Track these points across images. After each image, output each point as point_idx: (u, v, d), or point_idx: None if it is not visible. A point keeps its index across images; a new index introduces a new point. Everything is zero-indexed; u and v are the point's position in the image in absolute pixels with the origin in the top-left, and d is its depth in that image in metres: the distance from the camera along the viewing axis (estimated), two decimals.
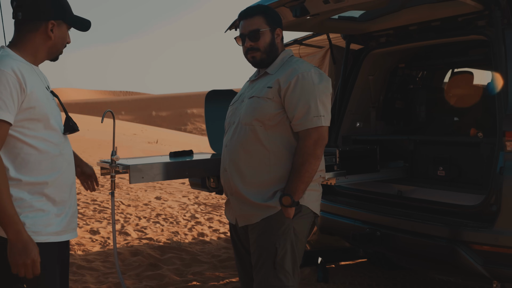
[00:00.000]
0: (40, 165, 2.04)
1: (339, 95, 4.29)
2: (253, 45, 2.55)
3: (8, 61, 1.98)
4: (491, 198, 2.96)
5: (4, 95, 1.90)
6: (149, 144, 19.11)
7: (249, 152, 2.48)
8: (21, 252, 1.92)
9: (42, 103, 2.04)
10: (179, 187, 9.41)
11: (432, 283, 4.24)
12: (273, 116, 2.45)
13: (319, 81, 2.44)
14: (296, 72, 2.44)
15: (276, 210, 2.44)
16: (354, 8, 3.66)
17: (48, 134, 2.07)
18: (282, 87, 2.43)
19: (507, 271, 2.87)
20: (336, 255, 4.72)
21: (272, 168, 2.46)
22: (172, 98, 56.21)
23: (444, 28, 3.65)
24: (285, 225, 2.45)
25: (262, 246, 2.49)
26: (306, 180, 2.41)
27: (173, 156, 3.08)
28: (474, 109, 4.23)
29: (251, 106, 2.50)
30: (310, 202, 2.52)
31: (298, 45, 5.12)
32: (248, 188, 2.50)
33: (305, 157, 2.39)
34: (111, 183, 2.86)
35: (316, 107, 2.40)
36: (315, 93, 2.42)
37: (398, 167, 3.97)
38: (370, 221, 3.52)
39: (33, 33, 2.10)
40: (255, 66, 2.64)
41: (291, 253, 2.47)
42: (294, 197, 2.40)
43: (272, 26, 2.57)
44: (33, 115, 2.01)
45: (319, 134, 2.41)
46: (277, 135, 2.47)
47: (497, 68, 3.07)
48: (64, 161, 2.14)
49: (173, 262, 4.81)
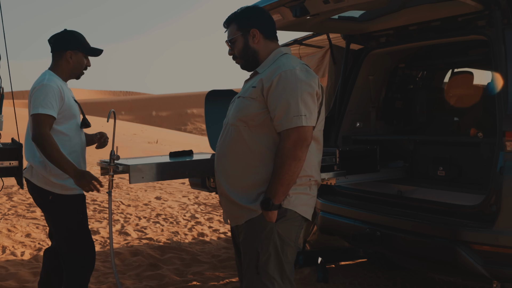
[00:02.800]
0: (65, 145, 2.98)
1: (339, 95, 4.29)
2: (233, 53, 2.58)
3: (53, 79, 3.02)
4: (491, 198, 2.96)
5: (53, 101, 2.93)
6: (149, 144, 19.12)
7: (234, 153, 2.44)
8: (82, 178, 2.87)
9: (71, 108, 3.07)
10: (179, 187, 9.41)
11: (432, 283, 4.24)
12: (256, 116, 2.39)
13: (302, 78, 2.35)
14: (280, 70, 2.36)
15: (258, 213, 2.38)
16: (354, 8, 3.66)
17: (71, 127, 3.07)
18: (264, 86, 2.36)
19: (507, 271, 2.87)
20: (336, 255, 4.72)
21: (256, 170, 2.40)
22: (172, 98, 56.21)
23: (444, 28, 3.65)
24: (267, 229, 2.37)
25: (246, 250, 2.45)
26: (286, 182, 2.31)
27: (173, 156, 3.08)
28: (474, 109, 4.23)
29: (237, 107, 2.47)
30: (298, 205, 2.42)
31: (298, 45, 5.12)
32: (233, 189, 2.46)
33: (283, 159, 2.30)
34: (109, 183, 2.86)
35: (296, 106, 2.30)
36: (296, 91, 2.32)
37: (398, 167, 3.96)
38: (370, 221, 3.52)
39: (59, 60, 3.11)
40: (245, 70, 2.63)
41: (275, 258, 2.38)
42: (273, 200, 2.32)
43: (244, 29, 2.52)
44: (65, 114, 3.02)
45: (299, 135, 2.30)
46: (261, 135, 2.40)
47: (497, 68, 3.07)
48: (78, 145, 3.12)
49: (173, 262, 4.81)
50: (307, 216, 2.47)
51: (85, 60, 3.17)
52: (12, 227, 5.84)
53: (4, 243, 5.21)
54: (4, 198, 7.59)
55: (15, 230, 5.72)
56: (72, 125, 3.09)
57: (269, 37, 2.55)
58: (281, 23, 3.55)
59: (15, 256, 4.85)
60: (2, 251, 5.00)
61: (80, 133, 3.17)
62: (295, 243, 2.46)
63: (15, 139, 3.17)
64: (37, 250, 5.06)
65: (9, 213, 6.67)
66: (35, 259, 4.75)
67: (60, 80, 3.06)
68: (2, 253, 4.93)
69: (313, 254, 4.49)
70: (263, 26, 2.54)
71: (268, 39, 2.54)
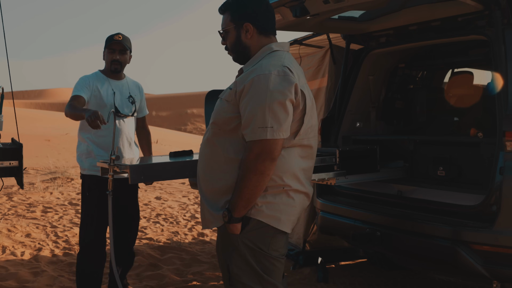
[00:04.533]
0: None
1: (339, 95, 4.29)
2: (225, 43, 2.41)
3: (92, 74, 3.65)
4: (491, 198, 2.96)
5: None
6: None
7: (206, 155, 2.32)
8: (88, 116, 3.03)
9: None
10: (179, 187, 9.41)
11: (432, 283, 4.24)
12: (228, 120, 2.22)
13: (276, 85, 2.13)
14: (253, 74, 2.17)
15: (222, 223, 2.25)
16: (354, 8, 3.65)
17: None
18: (237, 90, 2.19)
19: (507, 271, 2.87)
20: (336, 255, 4.72)
21: (225, 176, 2.23)
22: (172, 98, 56.22)
23: (444, 28, 3.65)
24: (232, 240, 2.23)
25: (218, 258, 2.37)
26: (246, 196, 2.14)
27: (173, 156, 3.08)
28: (474, 109, 4.23)
29: (215, 108, 2.32)
30: (267, 216, 2.20)
31: (298, 45, 5.11)
32: (204, 192, 2.34)
33: (244, 172, 2.12)
34: (108, 183, 2.86)
35: (262, 117, 2.10)
36: (265, 100, 2.11)
37: (398, 167, 3.96)
38: (370, 221, 3.52)
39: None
40: (237, 63, 2.46)
41: (248, 268, 2.22)
42: (233, 213, 2.16)
43: (237, 22, 2.33)
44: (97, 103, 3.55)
45: (263, 148, 2.10)
46: (232, 141, 2.23)
47: (497, 68, 3.07)
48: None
49: (173, 262, 4.81)
50: (276, 226, 2.22)
51: (110, 55, 3.59)
52: (12, 227, 5.84)
53: (4, 243, 5.21)
54: (4, 198, 7.59)
55: (15, 230, 5.73)
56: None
57: (263, 32, 2.35)
58: (281, 23, 3.55)
59: (15, 256, 4.85)
60: (2, 251, 5.00)
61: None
62: (274, 250, 2.25)
63: (15, 139, 3.18)
64: (37, 250, 5.06)
65: (9, 213, 6.68)
66: (35, 259, 4.75)
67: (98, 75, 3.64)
68: (2, 253, 4.93)
69: (313, 254, 4.49)
70: (258, 20, 2.33)
71: (262, 34, 2.34)
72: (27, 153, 6.73)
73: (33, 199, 7.60)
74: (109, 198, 2.96)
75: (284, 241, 2.32)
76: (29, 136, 16.82)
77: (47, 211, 6.86)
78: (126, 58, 3.67)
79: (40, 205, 7.24)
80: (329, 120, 4.23)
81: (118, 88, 3.65)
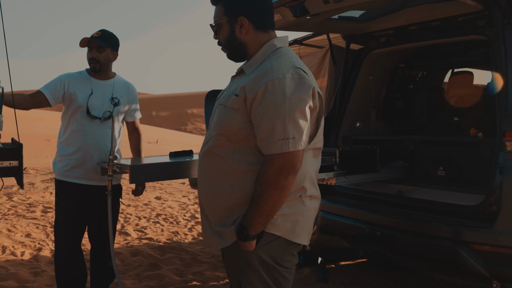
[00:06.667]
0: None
1: (339, 95, 4.29)
2: (218, 38, 2.17)
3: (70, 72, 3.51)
4: (491, 198, 2.96)
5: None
6: (149, 144, 19.11)
7: (211, 167, 2.10)
8: None
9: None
10: (179, 187, 9.41)
11: (432, 283, 4.24)
12: (239, 131, 2.01)
13: (293, 91, 1.93)
14: (267, 79, 1.94)
15: (232, 241, 2.06)
16: (354, 8, 3.66)
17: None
18: (248, 97, 1.97)
19: (507, 271, 2.87)
20: (336, 255, 4.72)
21: (235, 189, 2.03)
22: (172, 98, 56.23)
23: (444, 28, 3.65)
24: (245, 256, 2.06)
25: (228, 273, 2.22)
26: (265, 213, 1.96)
27: (173, 156, 3.08)
28: (474, 109, 4.23)
29: (219, 118, 2.08)
30: (282, 229, 2.06)
31: (298, 45, 5.12)
32: (209, 209, 2.12)
33: (264, 187, 1.94)
34: (107, 183, 2.86)
35: (283, 128, 1.91)
36: (284, 109, 1.91)
37: (398, 167, 3.97)
38: (370, 221, 3.52)
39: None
40: (232, 60, 2.22)
41: (261, 283, 2.07)
42: (249, 231, 1.99)
43: (231, 15, 2.08)
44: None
45: (285, 162, 1.93)
46: (243, 151, 2.03)
47: (497, 68, 3.07)
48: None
49: (173, 262, 4.81)
50: (292, 239, 2.08)
51: (88, 53, 3.40)
52: (12, 227, 5.84)
53: (4, 243, 5.21)
54: (4, 198, 7.59)
55: (15, 230, 5.72)
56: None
57: (261, 27, 2.11)
58: (281, 23, 3.55)
59: (15, 256, 4.85)
60: (2, 251, 4.99)
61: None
62: (287, 261, 2.12)
63: (15, 139, 3.18)
64: (37, 250, 5.06)
65: (9, 213, 6.68)
66: (35, 259, 4.75)
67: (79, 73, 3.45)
68: (2, 253, 4.93)
69: (313, 254, 4.49)
70: (255, 13, 2.09)
71: (259, 29, 2.11)
72: (27, 153, 6.73)
73: (33, 199, 7.59)
74: (109, 198, 2.96)
75: (296, 251, 2.19)
76: (29, 136, 16.82)
77: (47, 211, 6.85)
78: (106, 56, 3.36)
79: (40, 205, 7.23)
80: (329, 120, 4.23)
81: (100, 88, 3.38)
